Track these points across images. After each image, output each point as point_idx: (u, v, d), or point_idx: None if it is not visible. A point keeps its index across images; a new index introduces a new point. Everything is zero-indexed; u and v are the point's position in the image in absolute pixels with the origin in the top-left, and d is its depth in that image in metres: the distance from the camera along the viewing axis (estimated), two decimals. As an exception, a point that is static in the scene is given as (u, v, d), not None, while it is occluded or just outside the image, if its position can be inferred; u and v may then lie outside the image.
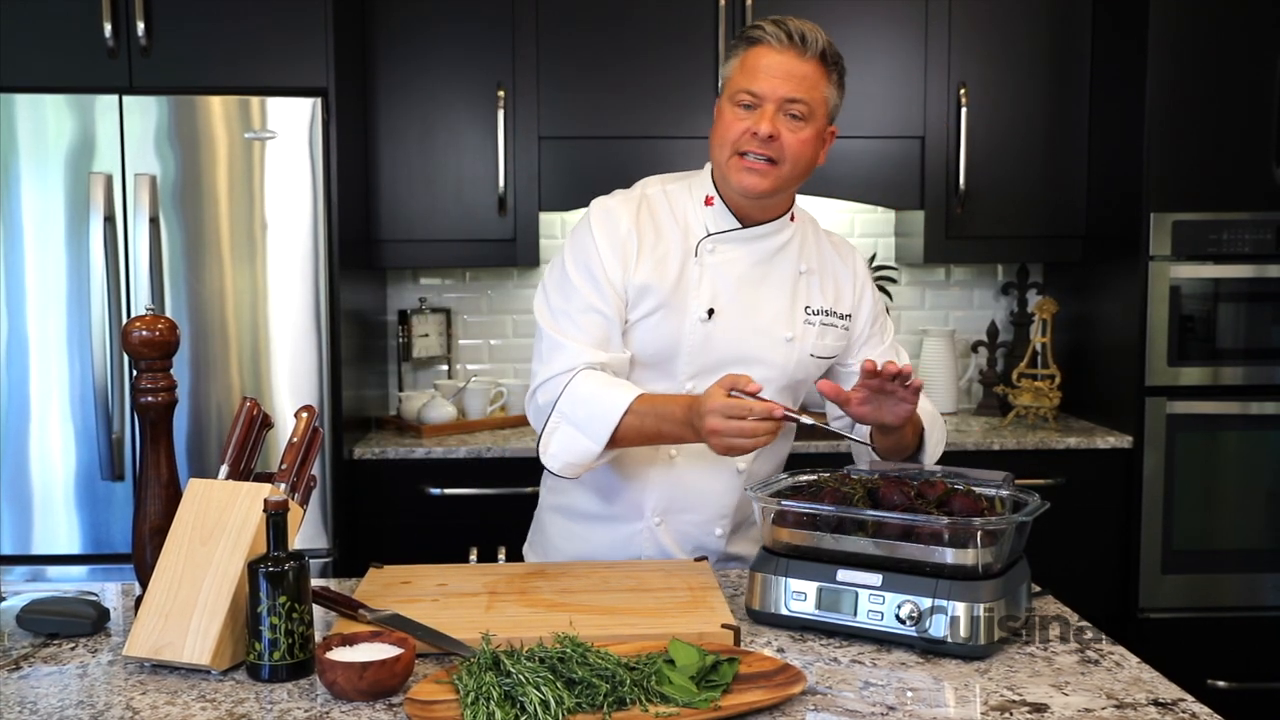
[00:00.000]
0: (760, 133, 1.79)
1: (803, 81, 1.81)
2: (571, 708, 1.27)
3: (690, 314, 1.88)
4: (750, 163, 1.82)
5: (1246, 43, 3.01)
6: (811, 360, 1.95)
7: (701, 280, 1.89)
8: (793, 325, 1.93)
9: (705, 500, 1.94)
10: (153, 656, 1.46)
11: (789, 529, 1.62)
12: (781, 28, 1.81)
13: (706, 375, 1.88)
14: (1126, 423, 3.10)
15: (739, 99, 1.82)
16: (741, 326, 1.90)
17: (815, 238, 2.00)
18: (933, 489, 1.64)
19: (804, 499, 1.63)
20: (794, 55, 1.81)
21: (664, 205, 1.93)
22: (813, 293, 1.96)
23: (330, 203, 2.89)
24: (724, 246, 1.91)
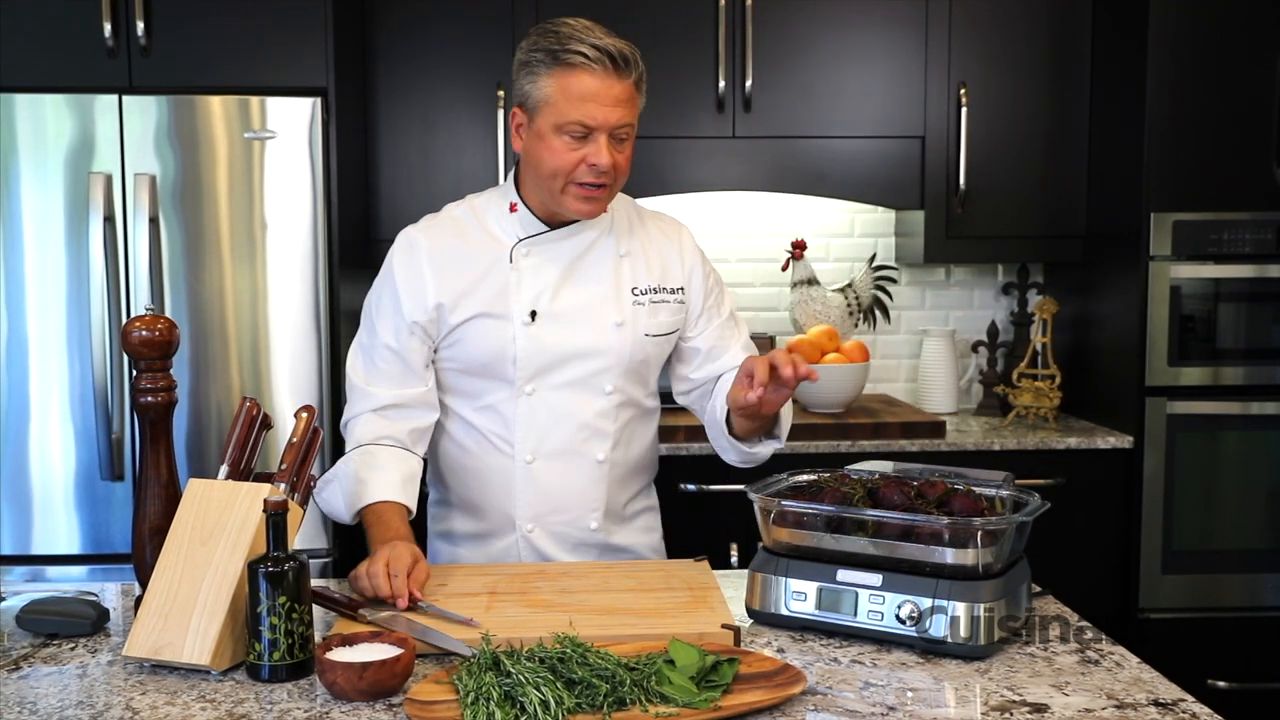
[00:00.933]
0: (601, 165, 1.79)
1: (627, 104, 1.80)
2: (571, 708, 1.27)
3: (514, 319, 1.89)
4: (588, 191, 1.83)
5: (1247, 43, 3.00)
6: (649, 340, 1.95)
7: (520, 284, 1.90)
8: (620, 310, 1.93)
9: (571, 498, 1.95)
10: (152, 657, 1.46)
11: (789, 529, 1.62)
12: (602, 50, 1.76)
13: (543, 375, 1.91)
14: (1127, 423, 3.10)
15: (569, 130, 1.79)
16: (568, 322, 1.91)
17: (630, 220, 2.00)
18: (933, 489, 1.64)
19: (804, 499, 1.63)
20: (616, 78, 1.78)
21: (472, 221, 1.95)
22: (637, 273, 1.96)
23: (330, 202, 2.89)
24: (538, 248, 1.91)
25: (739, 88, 3.21)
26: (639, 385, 1.99)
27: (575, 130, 1.78)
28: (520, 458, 1.93)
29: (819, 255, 3.57)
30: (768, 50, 3.21)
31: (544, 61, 1.79)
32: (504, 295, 1.89)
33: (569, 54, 1.76)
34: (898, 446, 3.04)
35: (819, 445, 3.01)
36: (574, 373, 1.91)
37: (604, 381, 1.93)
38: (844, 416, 3.16)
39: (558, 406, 1.92)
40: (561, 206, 1.86)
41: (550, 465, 1.94)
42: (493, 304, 1.89)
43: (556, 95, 1.78)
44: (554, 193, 1.85)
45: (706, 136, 3.23)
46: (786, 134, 3.26)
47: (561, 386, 1.91)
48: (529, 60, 1.81)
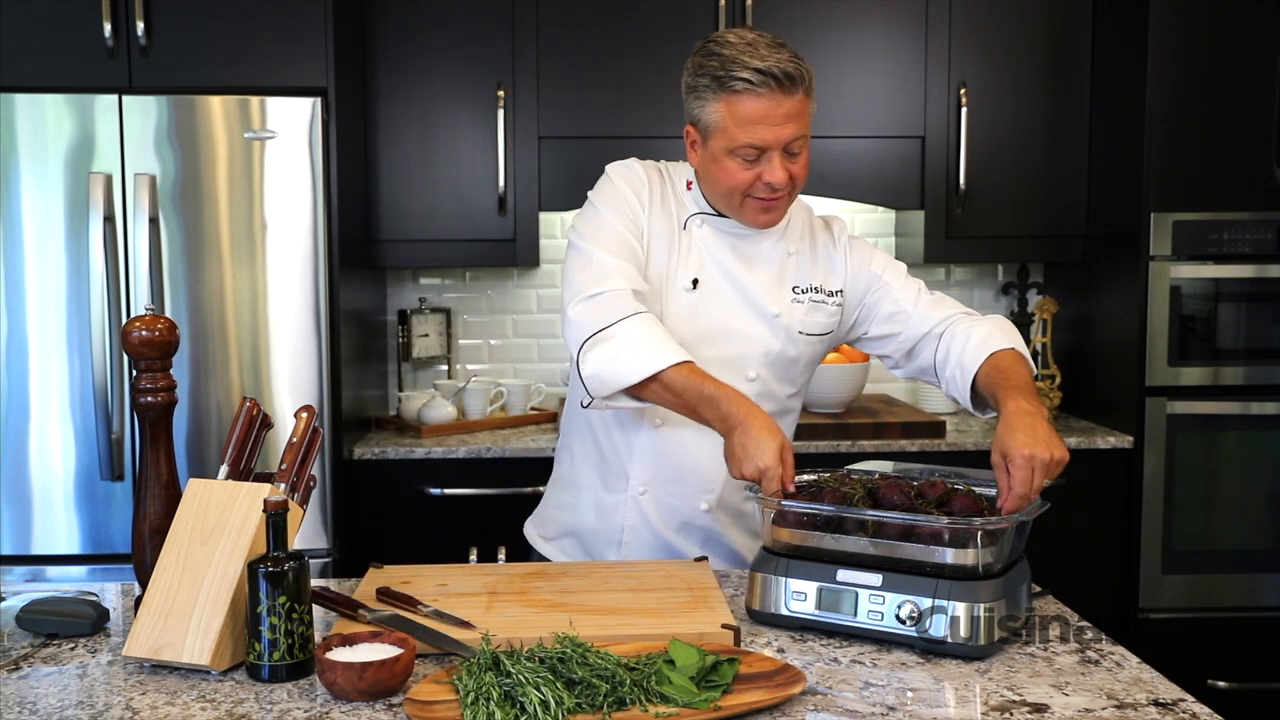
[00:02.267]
0: (776, 183, 1.80)
1: (798, 119, 1.79)
2: (571, 708, 1.27)
3: (676, 283, 1.90)
4: (765, 204, 1.84)
5: (1246, 43, 3.01)
6: (801, 338, 1.95)
7: (689, 252, 1.91)
8: (779, 302, 1.93)
9: (690, 472, 1.94)
10: (152, 657, 1.46)
11: (789, 529, 1.62)
12: (768, 74, 1.75)
13: (691, 346, 1.88)
14: (1127, 423, 3.10)
15: (741, 153, 1.79)
16: (727, 300, 1.91)
17: (805, 221, 2.02)
18: (933, 489, 1.64)
19: (804, 499, 1.63)
20: (784, 96, 1.76)
21: (668, 180, 1.97)
22: (801, 272, 1.97)
23: (330, 203, 2.89)
24: (712, 223, 1.93)
25: (739, 88, 3.20)
26: (783, 381, 1.98)
27: (748, 154, 1.79)
28: (650, 419, 1.93)
29: (819, 255, 3.56)
30: (768, 50, 3.21)
31: (710, 87, 1.79)
32: (671, 259, 1.90)
33: (733, 80, 1.76)
34: (898, 446, 3.04)
35: (819, 445, 3.01)
36: (722, 350, 1.91)
37: (748, 366, 1.93)
38: (844, 416, 3.16)
39: None
40: (741, 219, 1.89)
41: (677, 433, 1.93)
42: (663, 265, 1.90)
43: (726, 120, 1.79)
44: (733, 208, 1.87)
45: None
46: (786, 134, 3.25)
47: (707, 361, 1.86)
48: (695, 84, 1.82)
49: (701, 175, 1.90)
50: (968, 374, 1.85)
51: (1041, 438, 1.61)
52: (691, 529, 1.97)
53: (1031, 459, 1.58)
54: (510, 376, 3.64)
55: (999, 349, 1.84)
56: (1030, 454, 1.58)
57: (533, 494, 3.01)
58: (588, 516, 2.00)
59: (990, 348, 1.84)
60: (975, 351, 1.86)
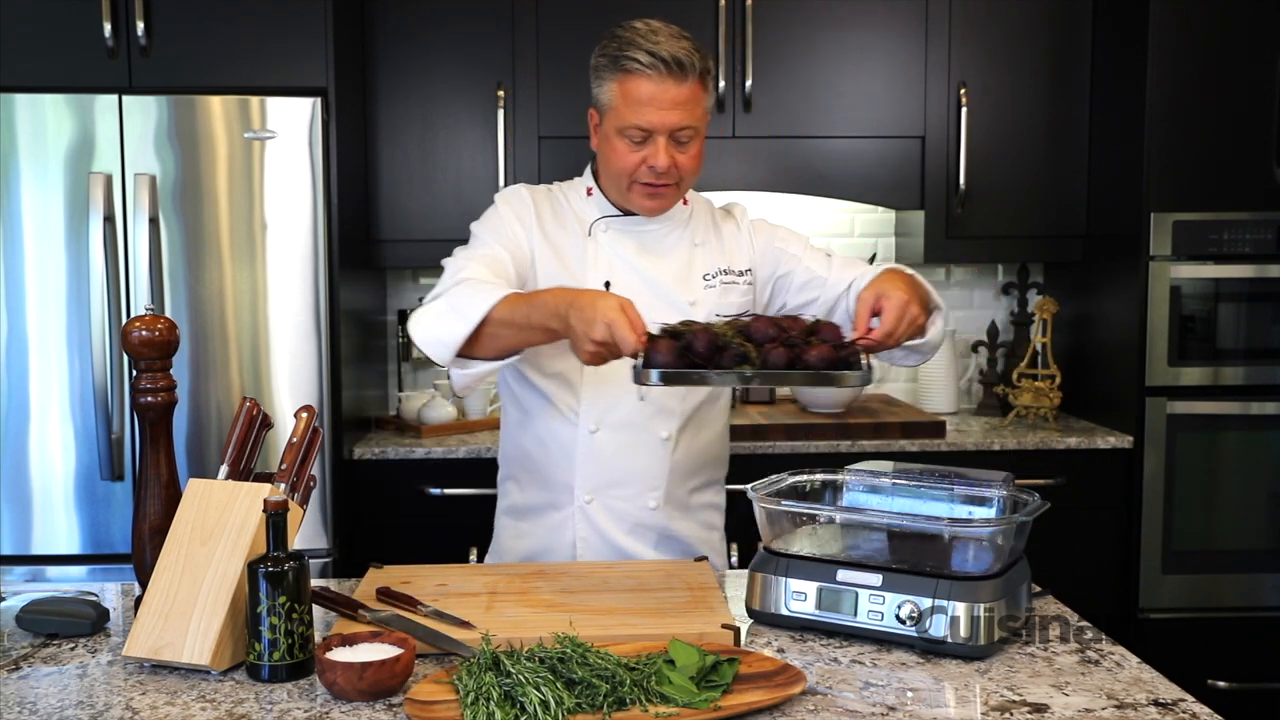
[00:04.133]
0: (658, 166, 1.85)
1: (687, 106, 1.84)
2: (571, 708, 1.27)
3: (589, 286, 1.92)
4: (651, 189, 1.89)
5: (1246, 42, 3.00)
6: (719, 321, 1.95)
7: (597, 257, 1.95)
8: (691, 291, 1.97)
9: (632, 473, 1.95)
10: (152, 657, 1.46)
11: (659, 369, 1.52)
12: (658, 57, 1.81)
13: None
14: (1127, 423, 3.10)
15: (628, 134, 1.85)
16: (640, 295, 1.89)
17: (707, 213, 2.07)
18: (797, 323, 1.64)
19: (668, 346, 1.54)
20: (673, 82, 1.83)
21: (560, 198, 2.02)
22: (708, 259, 2.01)
23: (330, 203, 2.89)
24: (616, 225, 1.97)
25: (739, 88, 3.21)
26: None
27: (634, 134, 1.85)
28: (584, 426, 1.94)
29: (819, 255, 3.56)
30: (768, 50, 3.21)
31: (607, 67, 1.87)
32: (580, 266, 1.94)
33: (626, 59, 1.83)
34: (898, 446, 3.04)
35: (819, 445, 3.01)
36: None
37: None
38: (844, 416, 3.16)
39: (626, 378, 1.90)
40: (630, 204, 1.94)
41: (613, 437, 1.94)
42: (568, 275, 1.93)
43: (617, 100, 1.85)
44: (622, 191, 1.92)
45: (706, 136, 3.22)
46: (786, 134, 3.26)
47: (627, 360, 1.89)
48: (596, 65, 1.90)
49: (599, 160, 1.96)
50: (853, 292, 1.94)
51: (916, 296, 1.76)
52: (643, 529, 1.98)
53: (906, 305, 1.72)
54: (510, 376, 3.63)
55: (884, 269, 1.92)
56: (907, 300, 1.72)
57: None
58: (541, 537, 2.00)
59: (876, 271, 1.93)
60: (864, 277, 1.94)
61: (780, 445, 3.01)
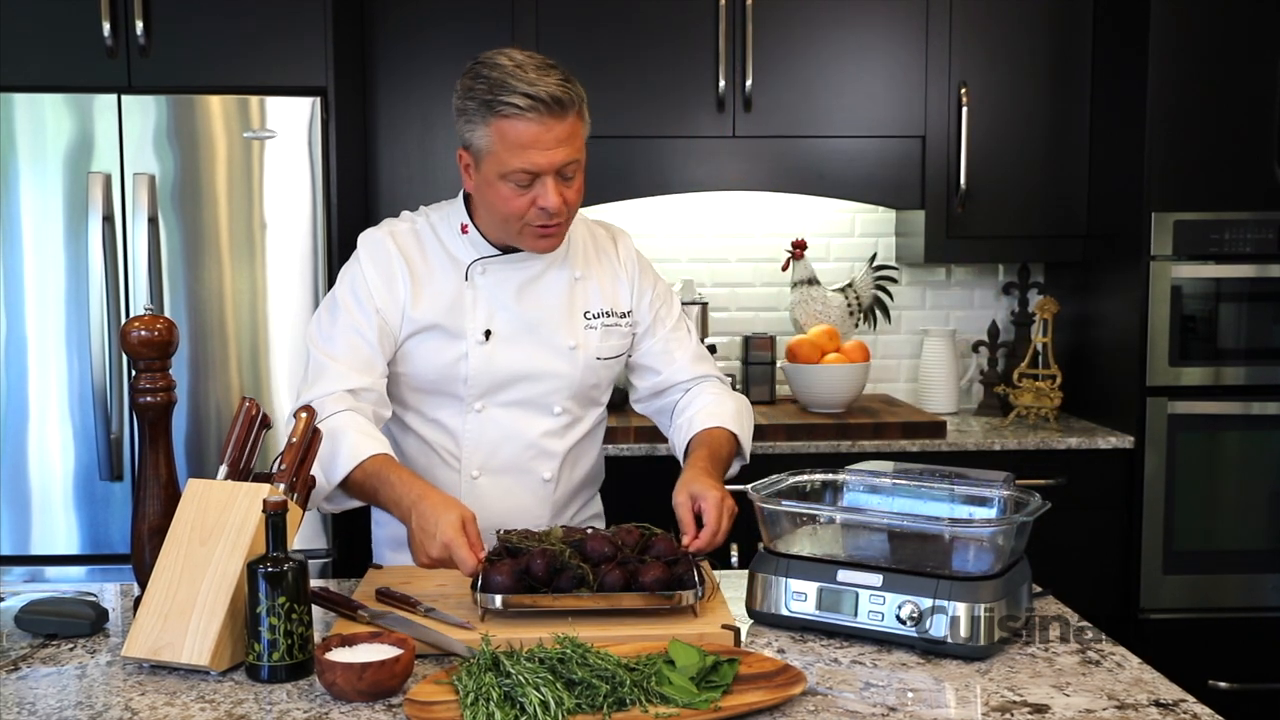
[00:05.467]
0: (550, 208, 1.78)
1: (570, 142, 1.77)
2: (571, 708, 1.27)
3: (468, 337, 1.89)
4: (544, 230, 1.82)
5: (1247, 42, 3.00)
6: (600, 364, 1.97)
7: (476, 303, 1.89)
8: (574, 333, 1.94)
9: (516, 514, 1.94)
10: (151, 657, 1.46)
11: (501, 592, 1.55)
12: (536, 98, 1.71)
13: (493, 394, 1.91)
14: (1128, 423, 3.10)
15: (513, 178, 1.77)
16: (521, 344, 1.91)
17: (584, 239, 2.00)
18: (630, 535, 1.65)
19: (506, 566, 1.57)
20: (555, 120, 1.73)
21: (430, 235, 1.94)
22: (590, 297, 1.97)
23: (330, 202, 2.88)
24: (494, 267, 1.91)
25: (739, 88, 3.20)
26: (588, 405, 2.01)
27: (520, 179, 1.77)
28: (467, 473, 1.94)
29: (819, 255, 3.56)
30: (768, 50, 3.21)
31: (478, 111, 1.76)
32: (458, 312, 1.89)
33: (501, 104, 1.73)
34: (898, 446, 3.03)
35: (819, 445, 3.01)
36: (524, 392, 1.92)
37: (553, 402, 1.94)
38: (844, 416, 3.16)
39: (506, 424, 1.93)
40: (521, 244, 1.87)
41: (497, 481, 1.94)
42: (446, 319, 1.88)
43: (496, 145, 1.76)
44: (511, 234, 1.85)
45: (706, 136, 3.23)
46: (786, 134, 3.25)
47: (511, 405, 1.92)
48: (465, 108, 1.79)
49: (478, 200, 1.88)
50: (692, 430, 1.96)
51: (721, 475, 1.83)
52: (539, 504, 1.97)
53: (721, 502, 1.72)
54: (510, 376, 3.63)
55: (721, 426, 1.95)
56: (720, 497, 1.72)
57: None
58: None
59: (718, 422, 1.95)
60: (706, 418, 1.96)
61: (780, 445, 3.00)
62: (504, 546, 1.63)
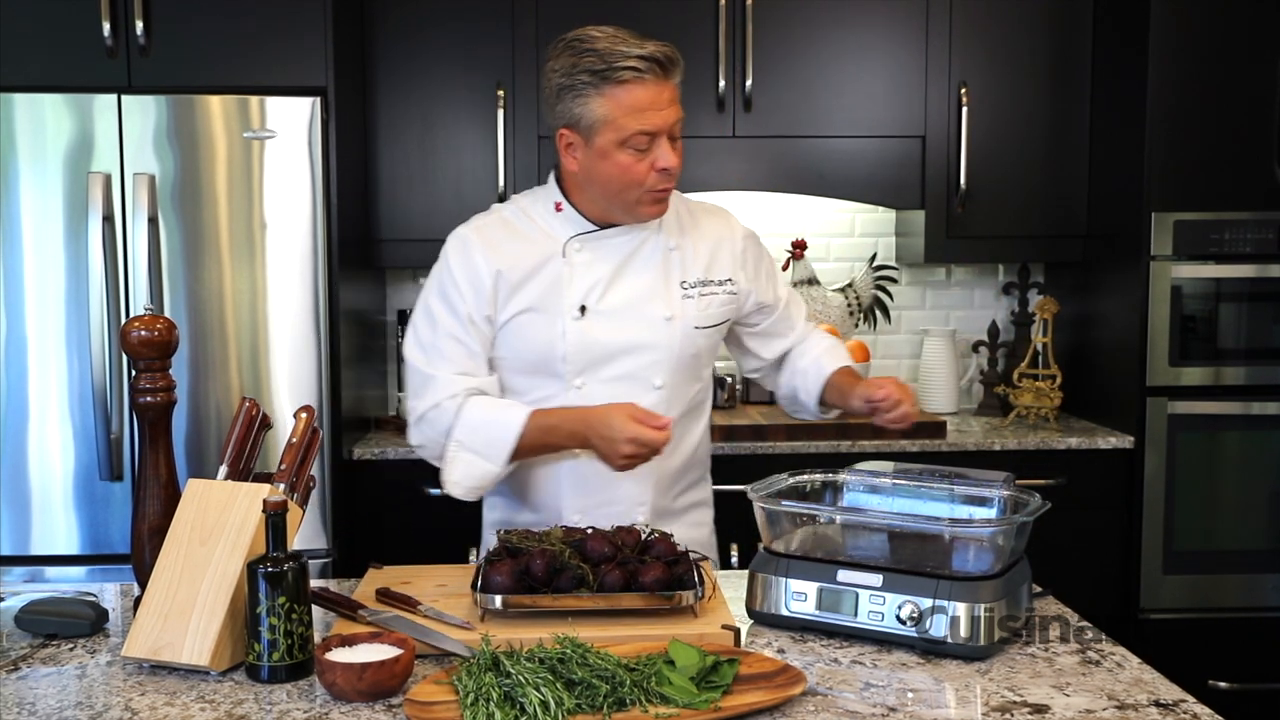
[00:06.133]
0: (672, 167, 1.83)
1: (677, 102, 1.85)
2: (571, 708, 1.27)
3: (564, 314, 1.90)
4: (658, 195, 1.87)
5: (1247, 42, 3.00)
6: (699, 333, 1.97)
7: (571, 279, 1.91)
8: (670, 304, 1.94)
9: (619, 493, 1.95)
10: (151, 657, 1.46)
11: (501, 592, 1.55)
12: (651, 60, 1.80)
13: (593, 370, 1.91)
14: (1128, 423, 3.10)
15: (633, 143, 1.81)
16: (618, 317, 1.92)
17: (679, 213, 2.02)
18: (631, 535, 1.66)
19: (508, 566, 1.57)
20: (666, 80, 1.83)
21: (523, 218, 1.97)
22: (686, 266, 1.98)
23: (330, 202, 2.88)
24: (590, 244, 1.93)
25: (739, 88, 3.20)
26: (691, 379, 2.00)
27: (640, 142, 1.81)
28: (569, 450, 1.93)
29: (819, 255, 3.56)
30: (768, 50, 3.21)
31: (591, 83, 1.81)
32: (555, 290, 1.91)
33: (618, 71, 1.79)
34: (898, 446, 3.03)
35: (819, 445, 3.01)
36: (624, 367, 1.93)
37: (654, 376, 1.94)
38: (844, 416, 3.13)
39: (607, 400, 1.92)
40: (634, 215, 1.90)
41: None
42: (543, 299, 1.90)
43: (614, 112, 1.80)
44: (628, 204, 1.88)
45: (706, 136, 3.23)
46: (786, 134, 3.25)
47: (611, 381, 1.92)
48: (572, 84, 1.82)
49: (585, 179, 1.89)
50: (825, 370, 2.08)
51: None
52: None
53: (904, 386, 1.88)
54: (510, 376, 3.63)
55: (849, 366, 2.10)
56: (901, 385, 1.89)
57: (533, 494, 3.01)
58: None
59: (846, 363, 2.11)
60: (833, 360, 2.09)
61: (780, 445, 3.00)
62: (504, 546, 1.63)
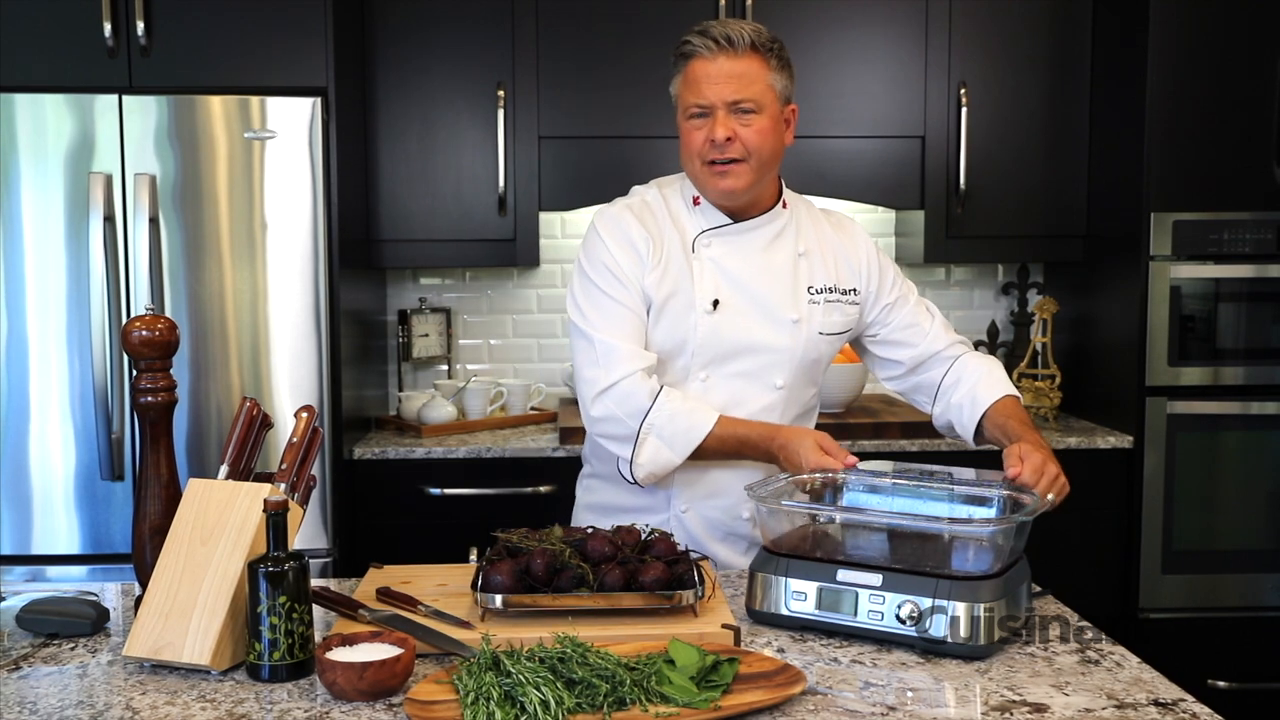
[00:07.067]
0: (717, 139, 1.87)
1: (742, 79, 1.87)
2: (571, 708, 1.27)
3: (696, 307, 1.93)
4: (718, 168, 1.90)
5: (1247, 43, 3.00)
6: (822, 339, 1.99)
7: (703, 274, 1.94)
8: (797, 307, 1.97)
9: (728, 485, 1.97)
10: (152, 657, 1.46)
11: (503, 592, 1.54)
12: (707, 35, 1.88)
13: (718, 364, 1.94)
14: (1127, 423, 3.10)
15: (690, 113, 1.90)
16: (746, 314, 1.95)
17: (811, 219, 2.06)
18: (631, 535, 1.66)
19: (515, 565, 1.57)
20: (726, 57, 1.87)
21: (661, 208, 2.00)
22: (814, 273, 2.00)
23: (330, 202, 2.89)
24: (720, 240, 1.96)
25: (739, 88, 3.20)
26: (808, 383, 2.04)
27: (695, 113, 1.89)
28: None
29: (819, 255, 3.56)
30: (768, 50, 3.21)
31: (674, 63, 1.94)
32: (686, 283, 1.94)
33: (683, 47, 1.90)
34: (898, 446, 3.04)
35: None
36: (748, 364, 1.95)
37: (775, 376, 1.97)
38: (844, 416, 3.16)
39: (728, 396, 1.95)
40: (705, 191, 1.95)
41: None
42: (677, 290, 1.94)
43: (681, 87, 1.93)
44: (695, 175, 1.94)
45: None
46: (786, 134, 3.25)
47: (734, 376, 1.95)
48: (671, 63, 1.95)
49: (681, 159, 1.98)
50: (979, 405, 1.99)
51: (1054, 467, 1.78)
52: (735, 538, 2.01)
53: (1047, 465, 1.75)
54: (510, 376, 3.64)
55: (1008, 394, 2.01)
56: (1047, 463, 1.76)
57: (533, 494, 3.01)
58: None
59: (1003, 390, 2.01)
60: (989, 389, 1.99)
61: (780, 445, 3.00)
62: (504, 546, 1.63)
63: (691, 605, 1.56)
